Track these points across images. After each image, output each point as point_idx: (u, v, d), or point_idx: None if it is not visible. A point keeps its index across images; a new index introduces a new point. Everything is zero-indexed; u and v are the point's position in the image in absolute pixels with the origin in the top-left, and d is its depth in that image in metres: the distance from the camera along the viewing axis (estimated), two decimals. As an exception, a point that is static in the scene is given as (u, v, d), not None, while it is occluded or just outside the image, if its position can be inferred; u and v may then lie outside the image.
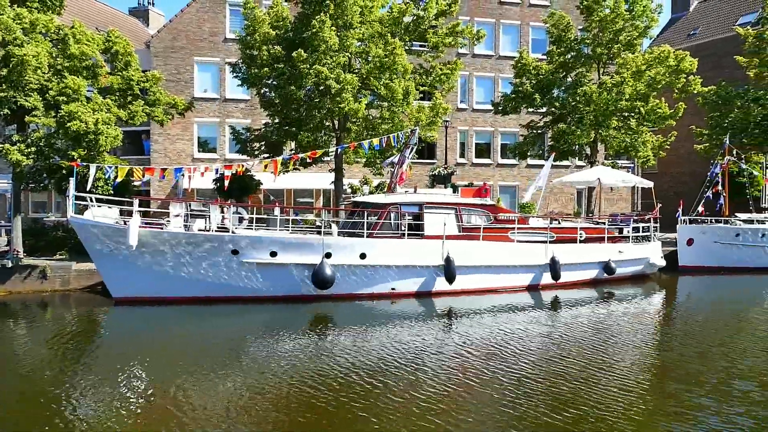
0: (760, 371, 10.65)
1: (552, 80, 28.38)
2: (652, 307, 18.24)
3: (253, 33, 21.64)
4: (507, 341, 12.71)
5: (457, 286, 18.20)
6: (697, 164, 35.76)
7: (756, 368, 10.85)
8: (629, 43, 27.95)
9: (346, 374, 10.15)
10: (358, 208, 19.25)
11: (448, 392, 9.29)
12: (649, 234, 23.26)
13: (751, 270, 24.86)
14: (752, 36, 31.62)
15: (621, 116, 28.00)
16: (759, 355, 11.87)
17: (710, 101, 32.47)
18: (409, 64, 22.56)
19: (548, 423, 8.03)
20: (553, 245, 20.00)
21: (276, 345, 12.36)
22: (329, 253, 16.97)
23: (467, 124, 36.51)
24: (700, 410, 8.61)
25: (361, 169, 28.22)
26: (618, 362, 11.13)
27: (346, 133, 23.22)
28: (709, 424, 8.06)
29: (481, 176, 35.73)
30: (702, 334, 14.17)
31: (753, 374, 10.42)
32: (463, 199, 19.93)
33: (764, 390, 9.58)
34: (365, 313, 16.08)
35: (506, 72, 35.06)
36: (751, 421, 8.17)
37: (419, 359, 11.14)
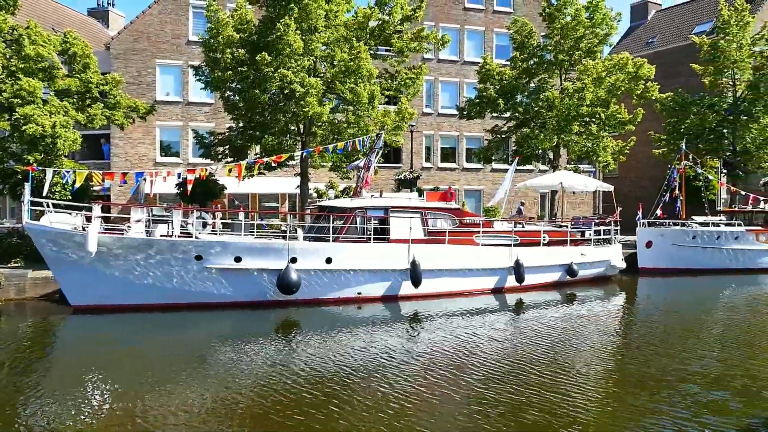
0: (711, 374, 10.95)
1: (515, 86, 28.79)
2: (613, 309, 18.61)
3: (216, 36, 21.37)
4: (472, 344, 12.79)
5: (423, 290, 18.26)
6: (656, 169, 36.74)
7: (707, 372, 11.14)
8: (590, 50, 28.56)
9: (313, 380, 10.08)
10: (324, 213, 19.17)
11: (414, 396, 9.29)
12: (610, 237, 23.74)
13: (706, 271, 25.61)
14: (707, 45, 32.69)
15: (582, 121, 28.56)
16: (712, 357, 12.22)
17: (668, 107, 33.46)
18: (375, 68, 22.59)
19: (512, 424, 8.10)
20: (517, 248, 20.25)
21: (241, 351, 12.19)
22: (295, 258, 16.84)
23: (433, 129, 36.77)
24: (655, 413, 8.80)
25: (327, 173, 28.15)
26: (580, 364, 11.31)
27: (311, 137, 23.11)
28: (663, 426, 8.26)
29: (447, 180, 36.02)
30: (660, 335, 14.52)
31: (704, 378, 10.69)
32: (429, 203, 20.03)
33: (710, 390, 9.86)
34: (331, 318, 16.00)
35: (471, 77, 35.46)
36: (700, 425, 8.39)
37: (385, 363, 11.12)
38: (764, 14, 40.43)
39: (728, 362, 11.50)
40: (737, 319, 16.69)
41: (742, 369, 11.03)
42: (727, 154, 33.37)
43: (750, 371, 10.87)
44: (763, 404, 9.02)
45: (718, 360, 11.77)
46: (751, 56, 32.25)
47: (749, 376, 10.53)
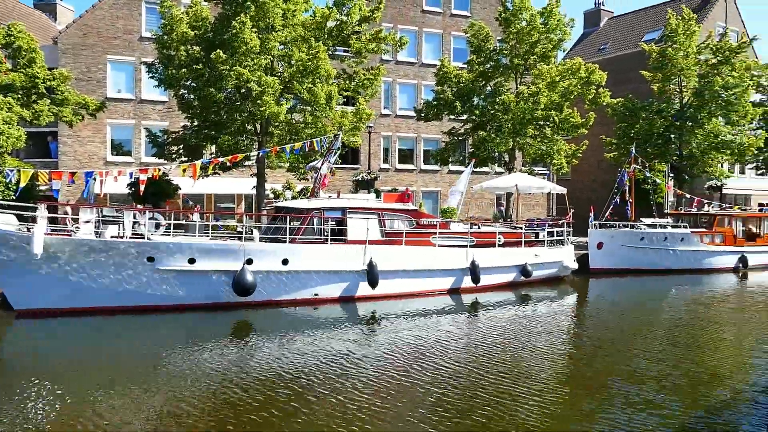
0: (654, 374, 11.32)
1: (472, 89, 29.16)
2: (565, 309, 19.03)
3: (170, 32, 20.94)
4: (428, 345, 12.88)
5: (380, 291, 18.28)
6: (607, 172, 37.77)
7: (649, 372, 11.51)
8: (544, 54, 29.16)
9: (269, 382, 9.96)
10: (281, 214, 18.98)
11: (371, 397, 9.29)
12: (563, 238, 24.26)
13: (654, 271, 26.45)
14: (656, 52, 33.81)
15: (537, 125, 29.14)
16: (655, 356, 12.63)
17: (618, 112, 34.47)
18: (333, 68, 22.54)
19: (467, 423, 8.18)
20: (474, 249, 20.49)
21: (196, 354, 11.95)
22: (250, 260, 16.62)
23: (390, 130, 36.89)
24: (599, 413, 9.04)
25: (284, 173, 27.91)
26: (532, 365, 11.51)
27: (268, 137, 22.88)
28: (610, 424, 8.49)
29: (404, 182, 36.20)
30: (609, 335, 14.94)
31: (645, 377, 11.02)
32: (386, 204, 20.06)
33: (652, 391, 10.19)
34: (288, 319, 15.85)
35: (429, 79, 35.73)
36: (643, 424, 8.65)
37: (342, 365, 11.08)
38: (709, 24, 42.11)
39: (669, 362, 11.88)
40: (681, 318, 17.31)
41: (682, 369, 11.42)
42: (674, 159, 34.56)
43: (690, 372, 11.26)
44: (701, 404, 9.31)
45: (660, 359, 12.14)
46: (696, 64, 33.51)
47: (689, 377, 10.91)
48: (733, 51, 33.43)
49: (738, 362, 12.13)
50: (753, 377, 10.77)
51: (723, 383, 10.26)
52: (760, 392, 9.70)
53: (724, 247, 28.75)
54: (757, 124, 39.00)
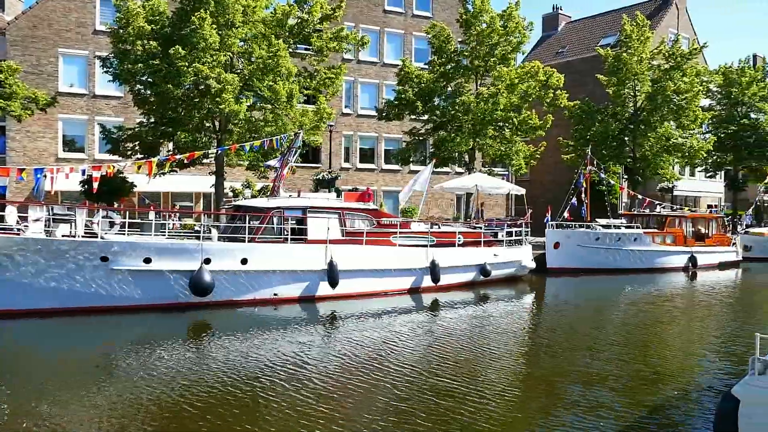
0: (604, 372, 11.61)
1: (433, 89, 29.36)
2: (523, 308, 19.36)
3: (126, 26, 20.43)
4: (388, 344, 12.90)
5: (341, 290, 18.22)
6: (564, 173, 38.55)
7: (599, 371, 11.80)
8: (504, 57, 29.57)
9: (227, 382, 9.81)
10: (240, 212, 18.74)
11: (331, 397, 9.25)
12: (521, 238, 24.65)
13: (609, 271, 27.11)
14: (611, 57, 34.71)
15: (496, 126, 29.54)
16: (607, 354, 12.98)
17: (575, 115, 35.26)
18: (293, 66, 22.36)
19: (425, 425, 8.23)
20: (434, 249, 20.63)
21: (152, 356, 11.68)
22: (208, 259, 16.35)
23: (352, 129, 36.84)
24: (551, 412, 9.22)
25: (244, 172, 27.56)
26: (488, 364, 11.65)
27: (227, 135, 22.56)
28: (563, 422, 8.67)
29: (365, 181, 36.20)
30: (564, 334, 15.26)
31: (595, 377, 11.30)
32: (347, 204, 20.02)
33: (602, 390, 10.46)
34: (247, 319, 15.65)
35: (390, 79, 35.81)
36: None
37: (302, 365, 11.00)
38: (662, 30, 43.43)
39: (619, 361, 12.19)
40: (633, 317, 17.82)
41: (632, 368, 11.75)
42: (628, 161, 35.55)
43: (639, 372, 11.58)
44: (649, 404, 9.53)
45: (610, 359, 12.46)
46: (650, 69, 34.55)
47: (639, 377, 11.23)
48: (684, 57, 34.61)
49: (685, 361, 12.54)
50: (699, 377, 11.14)
51: (670, 382, 10.57)
52: (706, 391, 10.04)
53: (675, 247, 29.70)
54: (706, 128, 40.48)
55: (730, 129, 42.90)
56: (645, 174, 35.83)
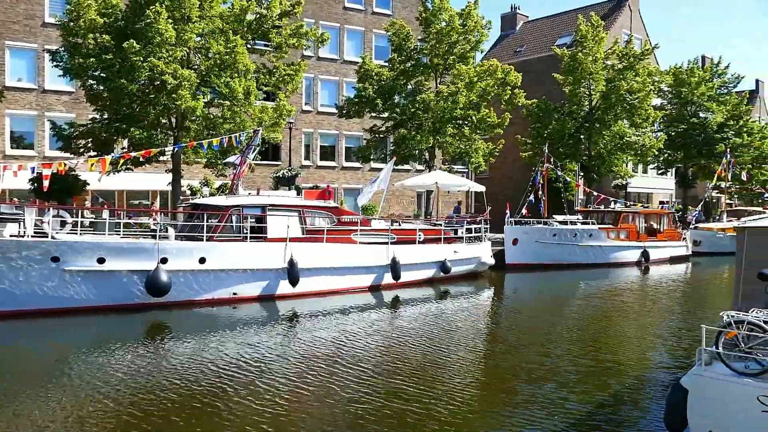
0: (561, 368, 11.88)
1: (393, 87, 29.43)
2: (482, 304, 19.62)
3: (77, 19, 19.82)
4: (349, 342, 12.90)
5: (301, 289, 18.12)
6: (522, 171, 39.19)
7: (554, 367, 12.06)
8: (463, 55, 29.85)
9: (183, 384, 9.65)
10: (198, 211, 18.42)
11: (289, 397, 9.20)
12: (480, 234, 24.95)
13: (566, 266, 27.69)
14: (567, 56, 35.40)
15: (456, 124, 29.81)
16: (562, 350, 13.28)
17: (533, 113, 35.84)
18: (252, 63, 22.09)
19: (387, 422, 8.27)
20: (394, 246, 20.69)
21: (106, 358, 11.39)
22: (165, 258, 16.03)
23: (312, 127, 36.63)
24: (508, 407, 9.39)
25: (202, 169, 27.11)
26: (447, 363, 11.76)
27: (184, 132, 22.14)
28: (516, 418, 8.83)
29: (326, 179, 36.05)
30: (522, 329, 15.54)
31: (555, 373, 11.56)
32: (307, 201, 19.91)
33: (553, 385, 10.71)
34: (205, 319, 15.42)
35: (350, 76, 35.73)
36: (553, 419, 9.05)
37: (260, 365, 10.90)
38: (616, 31, 44.52)
39: (574, 356, 12.52)
40: (588, 311, 18.29)
41: (586, 363, 12.06)
42: (583, 158, 36.35)
43: (593, 367, 11.90)
44: (600, 400, 9.82)
45: (561, 356, 12.76)
46: (604, 69, 35.36)
47: (592, 372, 11.53)
48: (636, 57, 35.56)
49: (637, 354, 12.92)
50: (651, 369, 11.51)
51: (622, 375, 10.87)
52: (657, 383, 10.37)
53: (628, 243, 30.54)
54: (658, 127, 41.72)
55: (680, 128, 44.33)
56: (600, 171, 36.70)
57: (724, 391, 6.74)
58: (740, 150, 44.70)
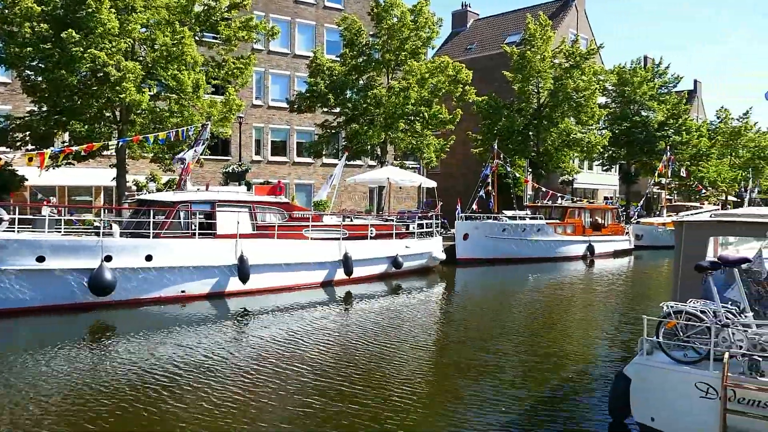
0: (511, 361, 12.12)
1: (345, 82, 29.31)
2: (433, 298, 19.79)
3: (12, 6, 18.89)
4: (300, 339, 12.80)
5: (252, 286, 17.88)
6: (473, 166, 39.73)
7: (506, 361, 12.30)
8: (414, 51, 29.99)
9: (131, 385, 9.36)
10: (144, 207, 17.91)
11: (239, 396, 9.05)
12: (431, 230, 25.16)
13: (515, 260, 28.24)
14: (516, 54, 36.02)
15: (408, 119, 29.94)
16: (514, 339, 13.55)
17: (483, 110, 36.35)
18: (200, 55, 21.60)
19: (339, 419, 8.24)
20: (346, 242, 20.65)
21: (48, 360, 10.93)
22: (109, 256, 15.53)
23: (263, 121, 36.12)
24: (457, 401, 9.52)
25: (148, 164, 26.33)
26: (399, 355, 11.83)
27: (129, 126, 21.46)
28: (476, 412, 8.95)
29: (277, 174, 35.64)
30: (472, 322, 15.76)
31: (501, 367, 11.78)
32: (258, 197, 19.64)
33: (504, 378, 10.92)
34: (152, 318, 15.01)
35: (302, 71, 35.39)
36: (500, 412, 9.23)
37: (210, 364, 10.68)
38: (563, 30, 45.57)
39: (521, 348, 12.80)
40: (535, 305, 18.72)
41: (533, 353, 12.34)
42: (532, 155, 37.12)
43: (540, 357, 12.19)
44: (547, 387, 10.10)
45: (514, 346, 13.04)
46: (552, 67, 36.17)
47: (536, 362, 11.80)
48: (583, 57, 36.50)
49: (583, 345, 13.31)
50: (596, 359, 11.87)
51: (569, 366, 11.17)
52: (602, 373, 10.70)
53: (574, 237, 31.37)
54: (603, 125, 42.98)
55: (624, 125, 45.82)
56: (548, 167, 37.57)
57: (664, 379, 7.00)
58: (679, 147, 46.56)
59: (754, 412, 6.30)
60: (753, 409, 6.32)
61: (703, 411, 6.58)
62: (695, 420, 6.64)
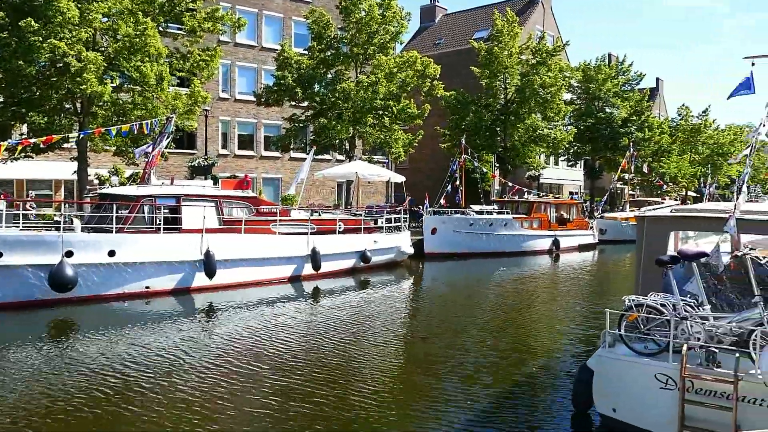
0: (477, 354, 12.26)
1: (313, 75, 29.12)
2: (401, 293, 19.85)
3: (-33, -7, 18.25)
4: (268, 334, 12.70)
5: (219, 281, 17.66)
6: (441, 161, 39.95)
7: (472, 355, 12.43)
8: (382, 45, 29.95)
9: (93, 383, 9.15)
10: (106, 201, 17.51)
11: (203, 395, 8.93)
12: (400, 224, 25.22)
13: (482, 254, 28.49)
14: (484, 50, 36.28)
15: (376, 114, 29.90)
16: (480, 334, 13.70)
17: (451, 105, 36.54)
18: (164, 47, 21.17)
19: (298, 419, 8.21)
20: (314, 236, 20.55)
21: (6, 358, 10.62)
22: (71, 252, 15.15)
23: (229, 115, 35.65)
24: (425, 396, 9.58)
25: (111, 158, 25.77)
26: (368, 353, 11.83)
27: (91, 118, 20.94)
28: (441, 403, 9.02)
29: (244, 168, 35.25)
30: (439, 316, 15.87)
31: (471, 360, 11.90)
32: (224, 191, 19.39)
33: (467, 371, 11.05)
34: (115, 315, 14.72)
35: (269, 64, 35.00)
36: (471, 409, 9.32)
37: (174, 362, 10.51)
38: (530, 27, 46.08)
39: (487, 342, 12.94)
40: (502, 299, 18.96)
41: (499, 347, 12.49)
42: (499, 150, 37.49)
43: (506, 350, 12.35)
44: (512, 380, 10.26)
45: (481, 340, 13.18)
46: (519, 63, 36.54)
47: (502, 356, 11.96)
48: (549, 53, 36.95)
49: (548, 338, 13.54)
50: (561, 353, 12.07)
51: (534, 360, 11.33)
52: (567, 365, 10.89)
53: (540, 232, 31.82)
54: (568, 120, 43.67)
55: (589, 122, 46.64)
56: (515, 162, 38.00)
57: (625, 371, 7.17)
58: (642, 144, 47.58)
59: (711, 402, 6.49)
60: (710, 399, 6.52)
61: (662, 401, 6.75)
62: (655, 410, 6.81)
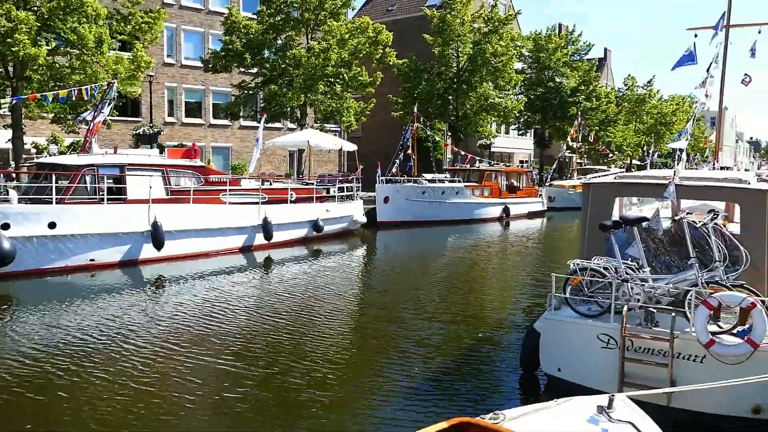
0: (429, 318, 12.43)
1: (263, 41, 28.35)
2: (354, 262, 19.89)
3: None
4: (219, 306, 12.53)
5: (167, 252, 17.27)
6: (394, 130, 39.79)
7: (424, 320, 12.61)
8: (334, 11, 29.34)
9: (34, 361, 8.85)
10: (45, 171, 16.78)
11: (157, 368, 8.78)
12: (352, 193, 25.13)
13: (435, 222, 28.76)
14: (436, 18, 36.04)
15: (327, 81, 29.43)
16: (432, 299, 13.89)
17: (403, 73, 36.32)
18: (103, 7, 20.18)
19: (246, 398, 8.18)
20: (266, 206, 20.28)
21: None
22: (7, 224, 14.50)
23: (176, 81, 34.46)
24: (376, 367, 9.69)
25: (49, 125, 24.61)
26: (321, 322, 11.85)
27: (25, 83, 19.89)
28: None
29: (192, 136, 34.31)
30: (391, 284, 16.00)
31: (422, 325, 12.08)
32: (171, 161, 18.85)
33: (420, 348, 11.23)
34: (57, 289, 14.22)
35: (216, 28, 33.89)
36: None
37: (121, 337, 10.25)
38: (482, -5, 45.88)
39: (439, 307, 13.14)
40: (453, 266, 19.24)
41: (450, 312, 12.72)
42: (451, 119, 37.62)
43: (457, 315, 12.57)
44: (463, 345, 10.49)
45: (432, 305, 13.37)
46: (471, 32, 36.49)
47: (453, 320, 12.18)
48: (501, 22, 37.02)
49: (498, 303, 13.87)
50: (511, 316, 12.37)
51: (485, 324, 11.60)
52: (516, 328, 11.18)
53: (491, 200, 32.30)
54: (519, 90, 44.09)
55: (539, 91, 47.20)
56: (467, 131, 38.23)
57: (569, 332, 7.40)
58: (590, 113, 48.56)
59: (649, 359, 6.78)
60: (648, 356, 6.80)
61: (604, 360, 7.01)
62: (597, 368, 7.07)
